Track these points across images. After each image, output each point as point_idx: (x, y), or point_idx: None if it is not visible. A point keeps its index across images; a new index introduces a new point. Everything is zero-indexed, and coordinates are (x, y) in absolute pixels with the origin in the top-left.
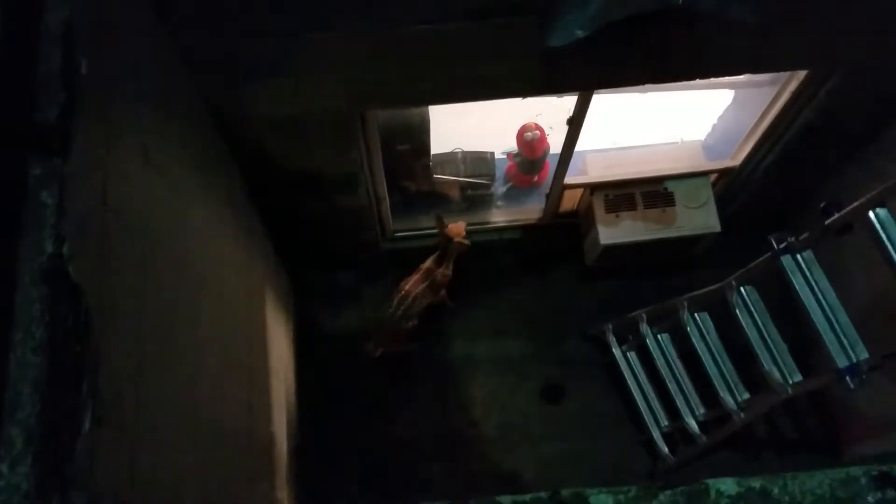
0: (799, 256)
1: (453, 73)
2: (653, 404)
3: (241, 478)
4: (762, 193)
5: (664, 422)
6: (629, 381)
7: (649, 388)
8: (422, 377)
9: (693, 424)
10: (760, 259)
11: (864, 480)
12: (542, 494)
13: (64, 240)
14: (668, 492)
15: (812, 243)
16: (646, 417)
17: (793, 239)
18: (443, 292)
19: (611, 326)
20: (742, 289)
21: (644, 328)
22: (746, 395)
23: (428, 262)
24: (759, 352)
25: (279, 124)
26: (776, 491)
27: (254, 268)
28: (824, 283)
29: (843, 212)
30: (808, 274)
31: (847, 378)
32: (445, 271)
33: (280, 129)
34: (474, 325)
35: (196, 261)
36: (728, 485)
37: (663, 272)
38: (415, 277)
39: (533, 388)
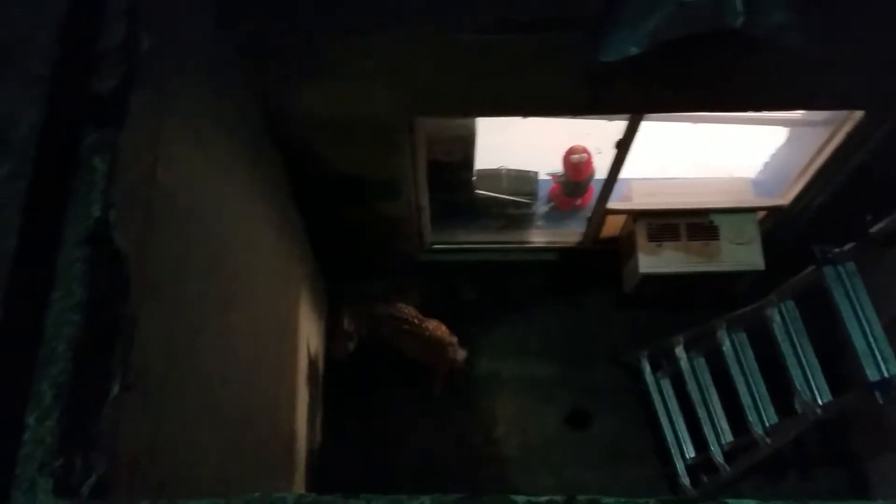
0: (841, 268)
1: (503, 86)
2: (680, 434)
3: (260, 468)
4: (810, 234)
5: (690, 453)
6: (658, 409)
7: (678, 417)
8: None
9: (718, 453)
10: (804, 272)
11: None
12: (558, 498)
13: (111, 206)
14: None
15: (856, 254)
16: (671, 448)
17: (837, 250)
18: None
19: (646, 353)
20: (783, 305)
21: (680, 351)
22: (775, 420)
23: (438, 333)
24: (791, 370)
25: (327, 124)
26: None
27: (291, 266)
28: (864, 296)
29: (889, 218)
30: (848, 286)
31: (876, 392)
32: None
33: (328, 130)
34: (502, 343)
35: (234, 248)
36: None
37: (700, 307)
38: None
39: (558, 412)
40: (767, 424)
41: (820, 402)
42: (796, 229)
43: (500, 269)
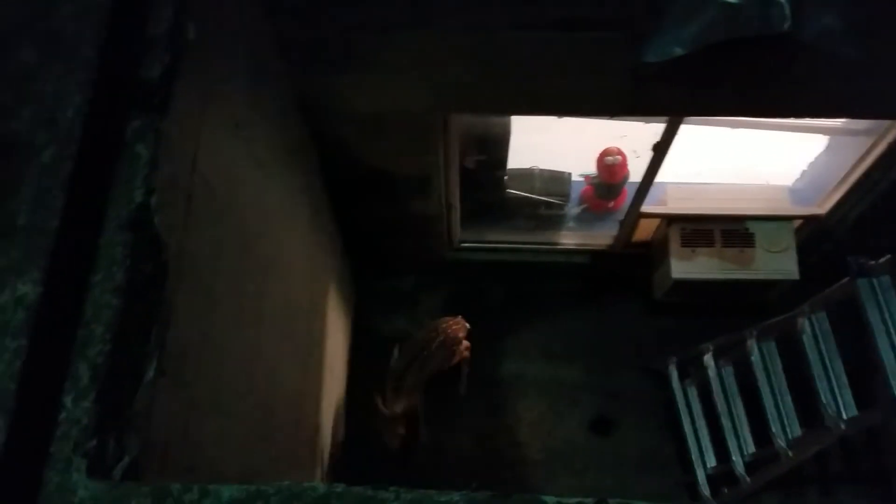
0: (875, 281)
1: (541, 84)
2: (703, 442)
3: (284, 459)
4: (847, 245)
5: (711, 462)
6: (683, 416)
7: (702, 425)
8: (470, 390)
9: (740, 464)
10: (838, 284)
11: None
12: (589, 500)
13: (153, 192)
14: None
15: (892, 268)
16: (693, 456)
17: (872, 262)
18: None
19: (675, 359)
20: (814, 316)
21: (708, 359)
22: (798, 432)
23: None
24: (818, 383)
25: (362, 119)
26: None
27: (321, 260)
28: None
29: None
30: (881, 299)
31: None
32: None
33: (363, 124)
34: (528, 345)
35: (269, 240)
36: None
37: (732, 316)
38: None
39: (582, 417)
40: (791, 437)
41: (845, 416)
42: (832, 240)
43: (529, 269)
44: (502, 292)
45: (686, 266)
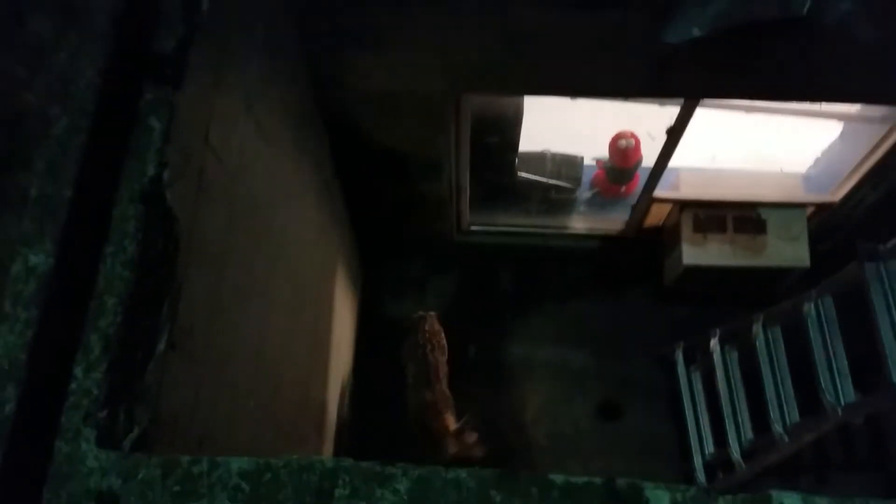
0: (883, 266)
1: (557, 64)
2: (703, 429)
3: (290, 436)
4: (859, 234)
5: (709, 449)
6: (685, 403)
7: (704, 412)
8: (476, 374)
9: (737, 450)
10: (846, 268)
11: None
12: (597, 480)
13: (165, 165)
14: (729, 497)
15: None
16: (692, 442)
17: (881, 246)
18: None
19: (682, 346)
20: (820, 301)
21: (714, 344)
22: (797, 419)
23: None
24: (819, 368)
25: (375, 98)
26: None
27: (331, 239)
28: None
29: None
30: (886, 284)
31: None
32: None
33: (375, 104)
34: (536, 329)
35: (279, 217)
36: (793, 499)
37: (744, 305)
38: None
39: (590, 402)
40: (788, 423)
41: (843, 402)
42: (845, 228)
43: (539, 254)
44: (511, 277)
45: (698, 252)
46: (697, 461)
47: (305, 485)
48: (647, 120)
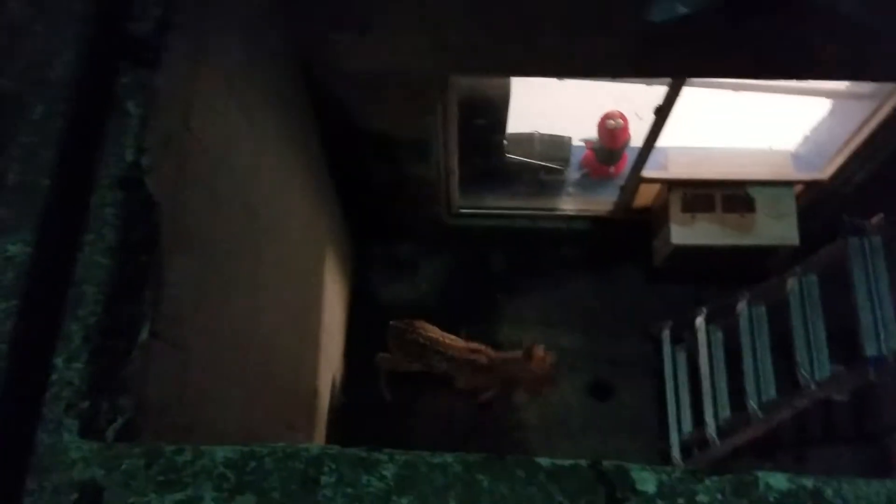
0: (867, 241)
1: (544, 45)
2: (682, 408)
3: (281, 422)
4: (848, 212)
5: (688, 427)
6: (667, 380)
7: (684, 390)
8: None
9: (713, 427)
10: (831, 244)
11: None
12: (583, 462)
13: (144, 151)
14: (715, 478)
15: (885, 230)
16: (671, 420)
17: (866, 222)
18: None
19: (670, 324)
20: (804, 278)
21: (700, 322)
22: (773, 395)
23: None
24: (797, 343)
25: (362, 80)
26: (829, 492)
27: (319, 224)
28: (882, 273)
29: None
30: (869, 259)
31: (871, 368)
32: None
33: (361, 85)
34: (527, 310)
35: (265, 201)
36: (779, 480)
37: (732, 283)
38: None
39: (580, 382)
40: (764, 399)
41: (817, 377)
42: (834, 206)
43: (529, 235)
44: (502, 259)
45: (686, 232)
46: (674, 439)
47: (291, 472)
48: (634, 100)
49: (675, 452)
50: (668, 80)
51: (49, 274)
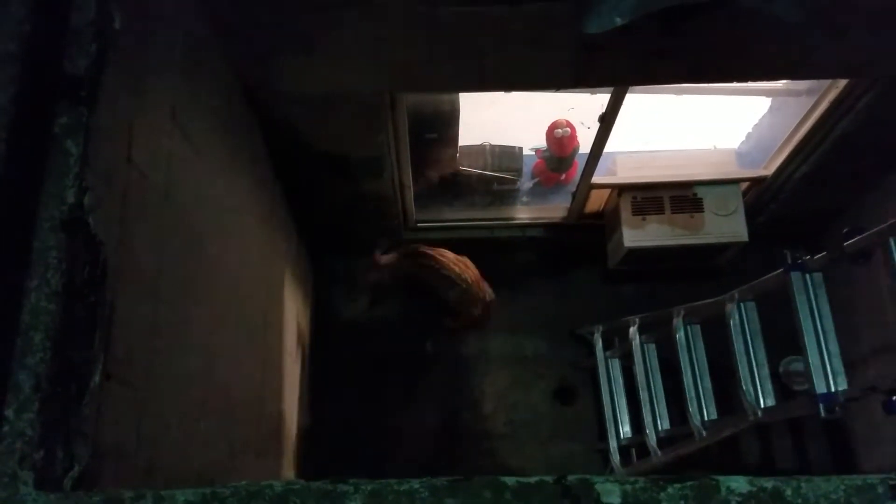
0: (808, 276)
1: (485, 61)
2: (619, 414)
3: (249, 451)
4: (793, 205)
5: (627, 433)
6: (602, 384)
7: (621, 397)
8: (433, 369)
9: (653, 438)
10: (772, 274)
11: (881, 489)
12: (548, 478)
13: (86, 190)
14: (678, 485)
15: (826, 264)
16: (608, 425)
17: (808, 257)
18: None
19: (601, 328)
20: (743, 304)
21: (633, 332)
22: (714, 416)
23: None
24: (740, 370)
25: (308, 100)
26: (789, 492)
27: (275, 245)
28: (825, 308)
29: (863, 234)
30: (812, 295)
31: (821, 405)
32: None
33: (309, 107)
34: (490, 320)
35: (217, 231)
36: (739, 483)
37: (687, 280)
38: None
39: (546, 387)
40: (706, 418)
41: (763, 405)
42: (778, 200)
43: (487, 246)
44: None
45: (638, 234)
46: (613, 443)
47: None
48: (579, 108)
49: (615, 457)
50: (611, 88)
51: None
